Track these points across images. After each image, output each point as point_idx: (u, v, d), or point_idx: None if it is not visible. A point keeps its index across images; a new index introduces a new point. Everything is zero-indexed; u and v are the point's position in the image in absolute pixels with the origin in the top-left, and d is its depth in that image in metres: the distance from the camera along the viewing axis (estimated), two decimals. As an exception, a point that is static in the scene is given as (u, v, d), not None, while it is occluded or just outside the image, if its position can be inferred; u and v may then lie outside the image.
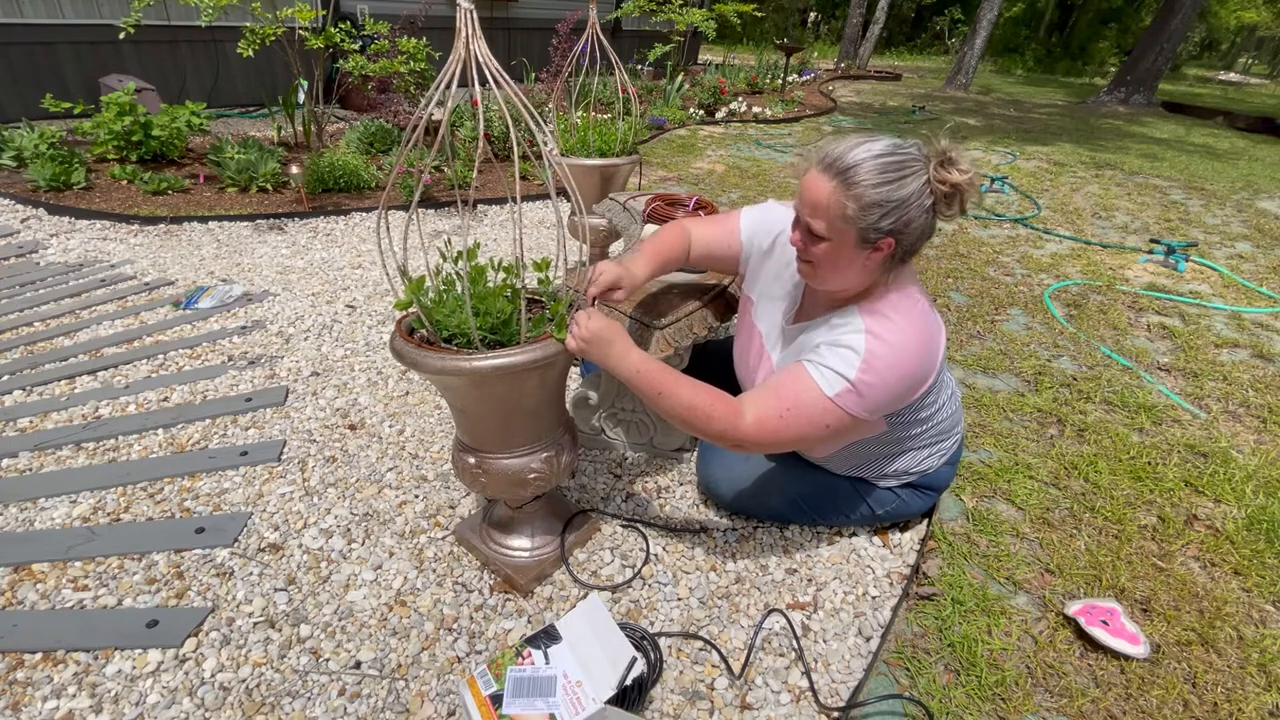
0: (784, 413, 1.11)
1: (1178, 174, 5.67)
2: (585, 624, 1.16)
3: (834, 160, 1.06)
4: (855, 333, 1.12)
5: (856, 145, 1.06)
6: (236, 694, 1.13)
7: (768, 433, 1.12)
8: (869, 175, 1.03)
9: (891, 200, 1.03)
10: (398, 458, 1.73)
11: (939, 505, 1.61)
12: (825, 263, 1.12)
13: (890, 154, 1.04)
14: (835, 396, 1.09)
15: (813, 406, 1.10)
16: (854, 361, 1.09)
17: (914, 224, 1.06)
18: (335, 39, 3.77)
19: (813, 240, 1.11)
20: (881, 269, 1.13)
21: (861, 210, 1.04)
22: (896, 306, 1.14)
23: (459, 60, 0.93)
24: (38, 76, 4.96)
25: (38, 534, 1.44)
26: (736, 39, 17.85)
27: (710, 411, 1.10)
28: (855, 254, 1.09)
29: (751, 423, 1.11)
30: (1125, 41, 19.82)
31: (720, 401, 1.11)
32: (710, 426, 1.11)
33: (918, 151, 1.06)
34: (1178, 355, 2.49)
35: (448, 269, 1.11)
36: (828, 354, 1.12)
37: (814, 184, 1.07)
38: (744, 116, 6.96)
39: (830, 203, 1.05)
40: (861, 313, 1.14)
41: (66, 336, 2.23)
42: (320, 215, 3.47)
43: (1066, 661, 1.26)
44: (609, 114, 2.45)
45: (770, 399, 1.13)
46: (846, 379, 1.09)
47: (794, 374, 1.14)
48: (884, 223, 1.04)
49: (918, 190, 1.04)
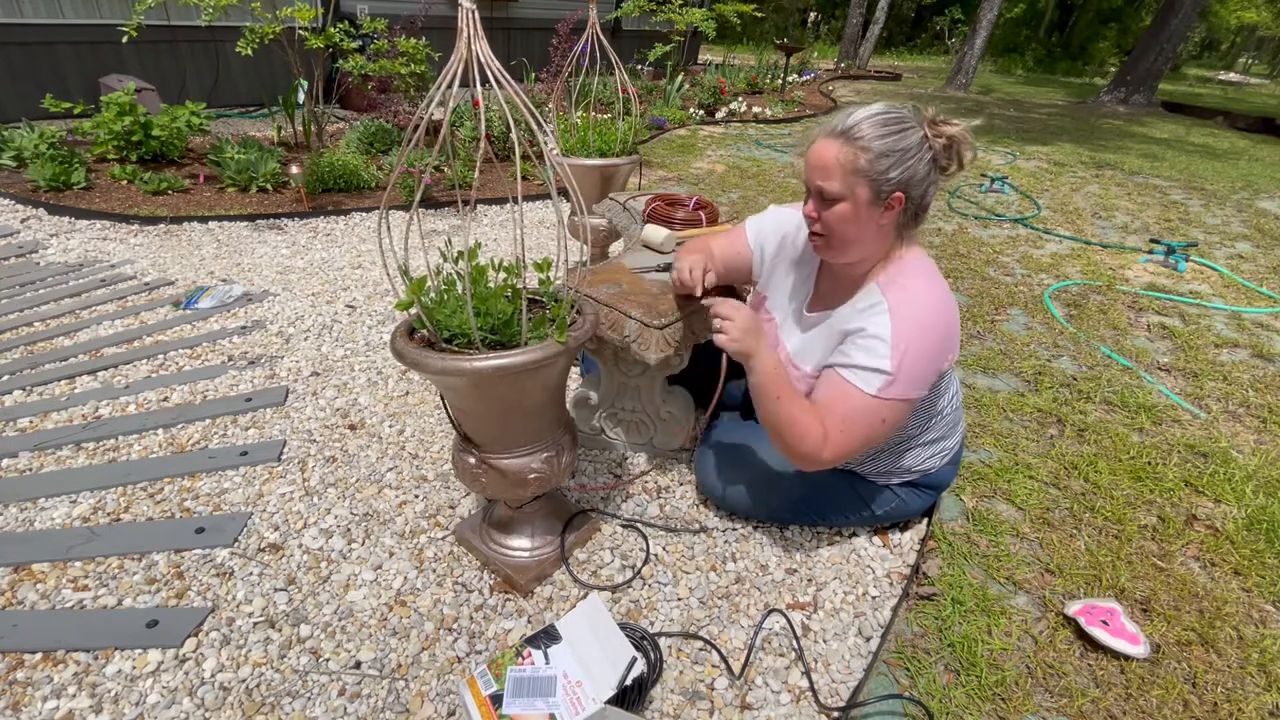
0: (842, 425, 1.15)
1: (1178, 174, 5.67)
2: (585, 624, 1.16)
3: (836, 125, 1.12)
4: (879, 314, 1.14)
5: (853, 110, 1.12)
6: (236, 694, 1.13)
7: (836, 447, 1.15)
8: (871, 129, 1.08)
9: (897, 149, 1.08)
10: (398, 458, 1.73)
11: (939, 505, 1.61)
12: (841, 228, 1.15)
13: (887, 112, 1.11)
14: (878, 392, 1.12)
15: (862, 410, 1.14)
16: (883, 351, 1.12)
17: (919, 175, 1.11)
18: (335, 39, 3.78)
19: (827, 205, 1.14)
20: (894, 231, 1.17)
21: (872, 161, 1.08)
22: (915, 272, 1.18)
23: (460, 60, 0.93)
24: (38, 76, 4.96)
25: (38, 534, 1.44)
26: (736, 39, 17.85)
27: (809, 430, 1.15)
28: (869, 213, 1.12)
29: (826, 442, 1.16)
30: (1125, 41, 19.82)
31: (818, 424, 1.15)
32: (801, 444, 1.16)
33: (910, 111, 1.13)
34: (1178, 355, 2.49)
35: (448, 269, 1.11)
36: (856, 353, 1.14)
37: (821, 149, 1.13)
38: (744, 116, 6.96)
39: (841, 159, 1.10)
40: (882, 288, 1.17)
41: (66, 336, 2.23)
42: (320, 215, 3.47)
43: (1066, 661, 1.26)
44: (609, 114, 2.45)
45: (827, 417, 1.16)
46: (882, 371, 1.12)
47: (832, 385, 1.17)
48: (893, 173, 1.09)
49: (918, 142, 1.10)
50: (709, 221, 1.88)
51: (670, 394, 1.73)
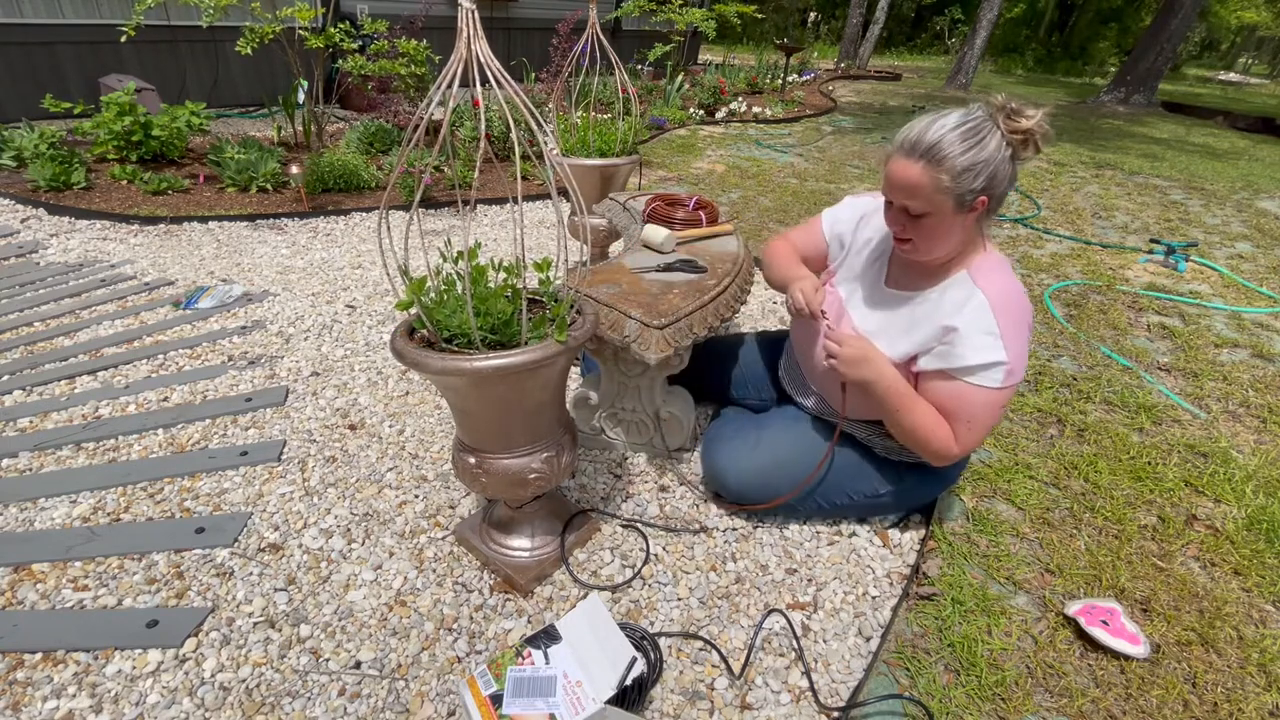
0: (969, 425, 1.22)
1: (1178, 174, 5.67)
2: (585, 624, 1.16)
3: (915, 143, 1.14)
4: (980, 309, 1.19)
5: (931, 125, 1.14)
6: (236, 694, 1.13)
7: (966, 445, 1.24)
8: (952, 147, 1.11)
9: (979, 162, 1.11)
10: (398, 458, 1.73)
11: (939, 505, 1.61)
12: (927, 237, 1.20)
13: (963, 123, 1.12)
14: (1002, 386, 1.18)
15: (985, 405, 1.20)
16: (996, 345, 1.17)
17: (999, 176, 1.14)
18: (335, 39, 3.78)
19: (912, 220, 1.19)
20: (976, 226, 1.22)
21: (956, 178, 1.12)
22: (999, 263, 1.25)
23: (460, 60, 0.93)
24: (38, 76, 4.96)
25: (38, 534, 1.44)
26: (736, 39, 17.85)
27: (935, 432, 1.23)
28: (954, 219, 1.17)
29: (955, 440, 1.23)
30: (1125, 41, 19.83)
31: (942, 426, 1.23)
32: (930, 445, 1.24)
33: (984, 113, 1.14)
34: (1178, 355, 2.49)
35: (448, 269, 1.11)
36: (968, 353, 1.18)
37: (902, 169, 1.15)
38: (744, 116, 6.96)
39: (924, 181, 1.13)
40: (973, 277, 1.23)
41: (66, 336, 2.23)
42: (320, 215, 3.47)
43: (1066, 661, 1.26)
44: (609, 114, 2.45)
45: (953, 421, 1.23)
46: (1000, 363, 1.17)
47: (952, 391, 1.22)
48: (977, 183, 1.13)
49: (997, 146, 1.12)
50: (709, 221, 1.88)
51: (670, 394, 1.73)
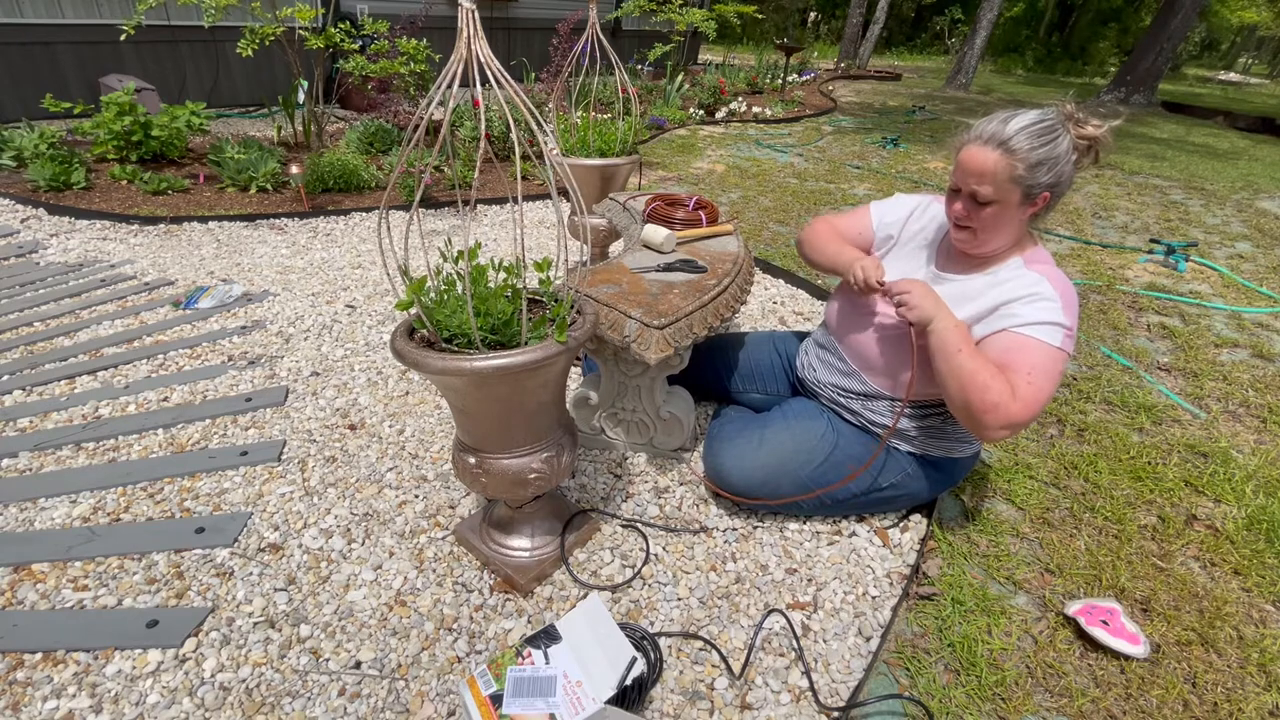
0: (1029, 377, 1.18)
1: (1178, 174, 5.67)
2: (585, 624, 1.16)
3: (991, 134, 1.20)
4: (1037, 282, 1.23)
5: (1008, 119, 1.20)
6: (236, 694, 1.13)
7: (1025, 401, 1.17)
8: (1027, 140, 1.17)
9: (1050, 158, 1.18)
10: (398, 458, 1.73)
11: (939, 505, 1.61)
12: (988, 227, 1.25)
13: (1038, 121, 1.19)
14: (1061, 344, 1.20)
15: (1046, 360, 1.19)
16: (1057, 308, 1.20)
17: (1065, 177, 1.21)
18: (335, 39, 3.78)
19: (978, 207, 1.24)
20: (1030, 222, 1.28)
21: (1029, 169, 1.18)
22: (1048, 257, 1.31)
23: (460, 60, 0.93)
24: (38, 76, 4.96)
25: (38, 534, 1.44)
26: (736, 39, 17.85)
27: (992, 381, 1.18)
28: (1016, 211, 1.23)
29: (1014, 395, 1.18)
30: (1125, 41, 19.83)
31: (1001, 378, 1.19)
32: (986, 395, 1.17)
33: (1056, 115, 1.20)
34: (1178, 355, 2.49)
35: (448, 269, 1.11)
36: (1028, 310, 1.21)
37: (978, 156, 1.21)
38: (744, 116, 6.95)
39: (998, 168, 1.19)
40: (1027, 264, 1.28)
41: (66, 336, 2.23)
42: (320, 215, 3.47)
43: (1066, 661, 1.26)
44: (609, 114, 2.45)
45: (1011, 372, 1.19)
46: (1062, 324, 1.20)
47: (1010, 342, 1.21)
48: (1046, 178, 1.19)
49: (1067, 148, 1.19)
50: (709, 221, 1.88)
51: (670, 394, 1.73)
